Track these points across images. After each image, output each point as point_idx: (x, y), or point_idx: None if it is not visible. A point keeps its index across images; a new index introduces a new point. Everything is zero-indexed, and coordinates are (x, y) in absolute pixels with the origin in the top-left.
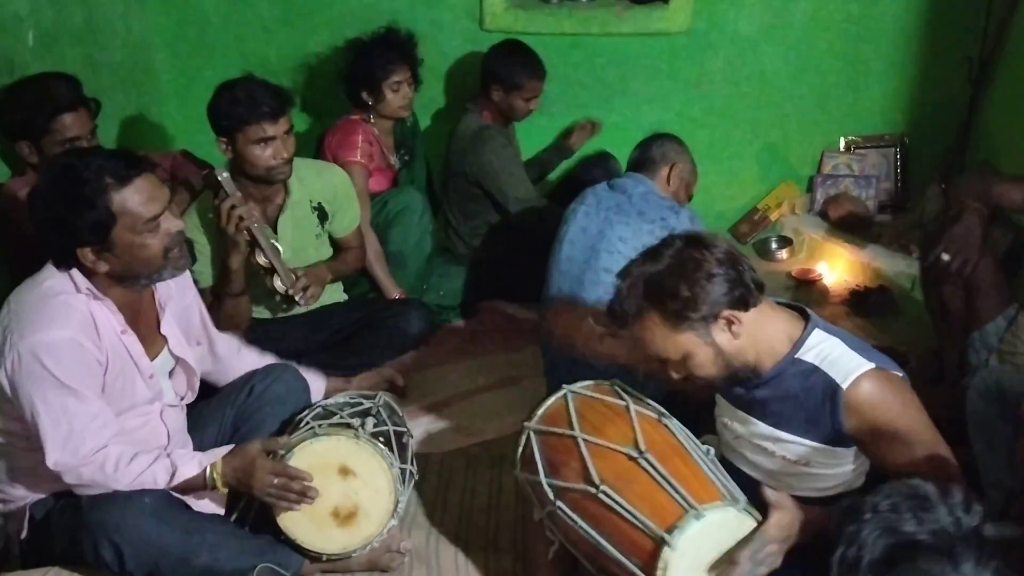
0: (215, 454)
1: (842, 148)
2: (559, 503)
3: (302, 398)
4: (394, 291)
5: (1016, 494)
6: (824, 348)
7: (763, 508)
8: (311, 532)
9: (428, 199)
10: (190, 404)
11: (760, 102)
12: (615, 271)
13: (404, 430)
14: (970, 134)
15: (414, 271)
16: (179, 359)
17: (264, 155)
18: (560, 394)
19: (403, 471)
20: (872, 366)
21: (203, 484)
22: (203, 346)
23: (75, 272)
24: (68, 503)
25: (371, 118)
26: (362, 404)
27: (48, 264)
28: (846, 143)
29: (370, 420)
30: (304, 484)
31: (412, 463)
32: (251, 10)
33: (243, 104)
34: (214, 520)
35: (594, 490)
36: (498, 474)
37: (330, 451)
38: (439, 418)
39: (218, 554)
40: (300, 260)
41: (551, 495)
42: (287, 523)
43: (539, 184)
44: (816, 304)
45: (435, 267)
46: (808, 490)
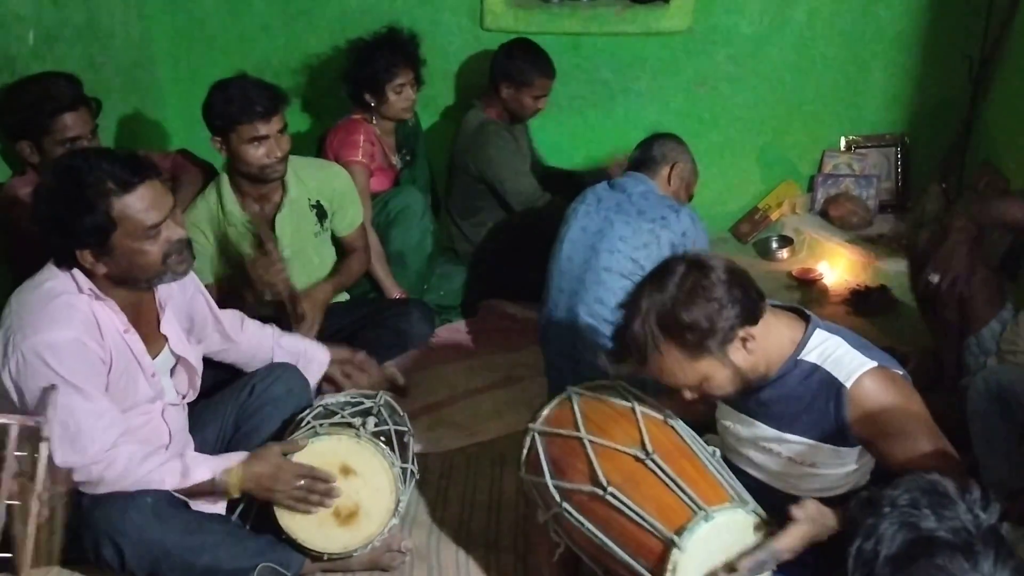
0: (229, 459)
1: (843, 147)
2: (565, 505)
3: (303, 397)
4: (395, 291)
5: (1016, 494)
6: (826, 347)
7: (770, 511)
8: (312, 531)
9: (429, 199)
10: (191, 403)
11: (761, 101)
12: (615, 270)
13: (405, 429)
14: (971, 133)
15: (415, 271)
16: (180, 357)
17: (258, 154)
18: (564, 395)
19: (404, 470)
20: (875, 364)
21: (212, 489)
22: (202, 345)
23: (77, 272)
24: (68, 502)
25: (373, 119)
26: (363, 403)
27: (49, 264)
28: (847, 142)
29: (371, 419)
30: (330, 486)
31: (413, 462)
32: (251, 10)
33: (236, 103)
34: (215, 519)
35: (601, 491)
36: (499, 474)
37: (331, 450)
38: (440, 418)
39: (219, 553)
40: (299, 259)
41: (557, 497)
42: (288, 522)
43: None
44: (816, 304)
45: (436, 267)
46: (813, 490)
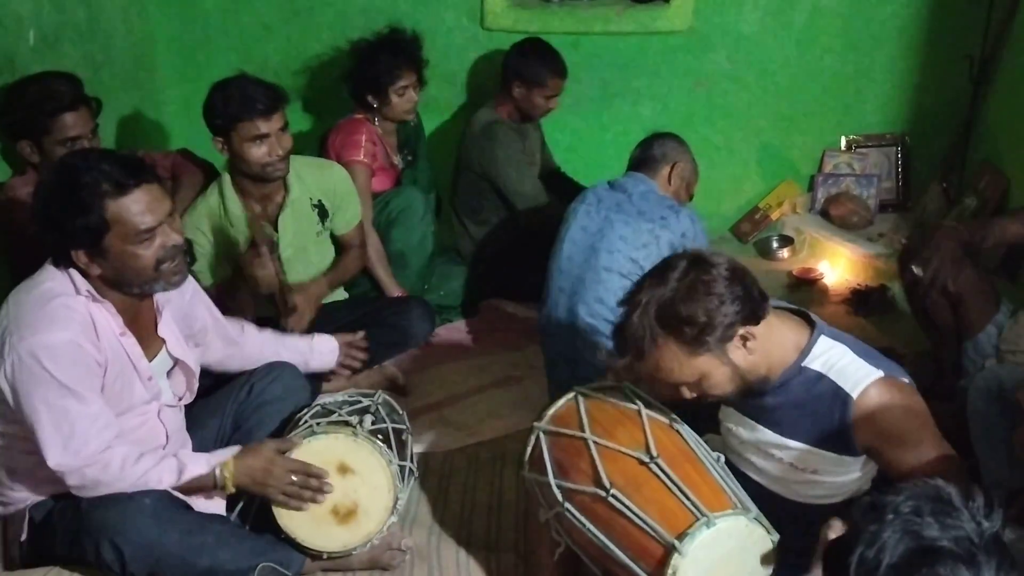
0: (224, 454)
1: (843, 147)
2: (567, 505)
3: (301, 397)
4: (396, 291)
5: (1016, 494)
6: (831, 356)
7: (773, 519)
8: (311, 530)
9: (431, 199)
10: (189, 403)
11: (761, 101)
12: (615, 270)
13: (403, 427)
14: (971, 133)
15: (415, 271)
16: (177, 360)
17: (259, 153)
18: (570, 395)
19: (402, 468)
20: (881, 374)
21: (211, 485)
22: (200, 349)
23: (75, 273)
24: (68, 504)
25: (375, 119)
26: (361, 402)
27: (47, 264)
28: (847, 142)
29: (368, 418)
30: (322, 481)
31: (412, 460)
32: (252, 9)
33: (236, 102)
34: (215, 520)
35: (604, 493)
36: (499, 473)
37: (328, 449)
38: (440, 417)
39: (219, 554)
40: (300, 258)
41: (559, 496)
42: (287, 522)
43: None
44: (817, 303)
45: (436, 267)
46: (816, 497)
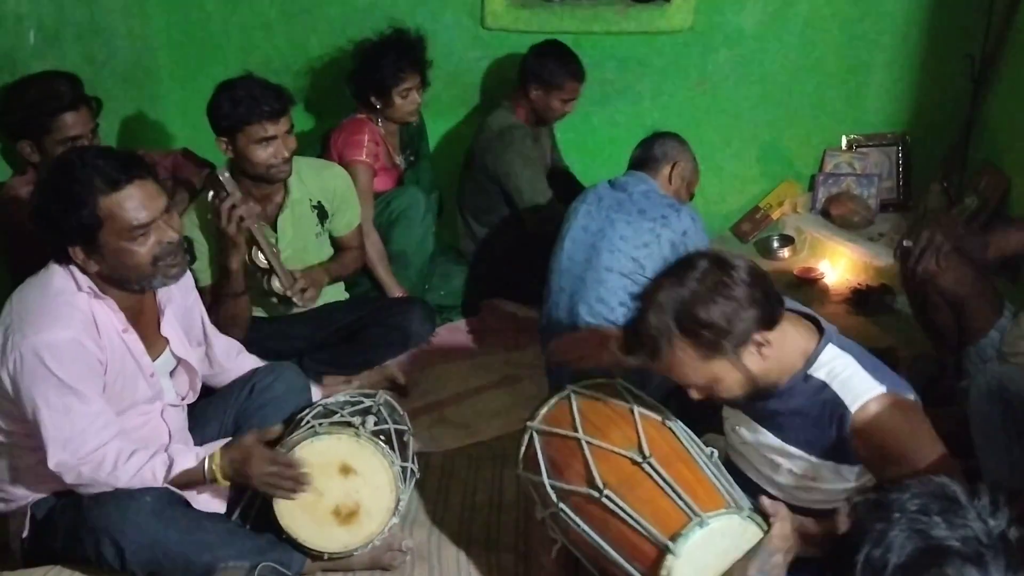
0: (212, 447)
1: (844, 147)
2: (562, 505)
3: (303, 397)
4: (396, 291)
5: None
6: (836, 366)
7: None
8: (312, 531)
9: (433, 199)
10: (191, 403)
11: (762, 100)
12: (616, 269)
13: (405, 428)
14: (972, 132)
15: (416, 271)
16: (180, 359)
17: (265, 154)
18: (563, 394)
19: (404, 469)
20: (883, 390)
21: (202, 477)
22: (203, 348)
23: (76, 270)
24: (69, 502)
25: (378, 120)
26: (363, 403)
27: (51, 263)
28: (848, 141)
29: (371, 418)
30: (299, 472)
31: (413, 461)
32: (252, 8)
33: (244, 104)
34: (215, 519)
35: (597, 494)
36: (499, 473)
37: (331, 450)
38: (441, 417)
39: (219, 552)
40: (300, 259)
41: (554, 496)
42: (288, 522)
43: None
44: (817, 303)
45: (437, 267)
46: (816, 503)
